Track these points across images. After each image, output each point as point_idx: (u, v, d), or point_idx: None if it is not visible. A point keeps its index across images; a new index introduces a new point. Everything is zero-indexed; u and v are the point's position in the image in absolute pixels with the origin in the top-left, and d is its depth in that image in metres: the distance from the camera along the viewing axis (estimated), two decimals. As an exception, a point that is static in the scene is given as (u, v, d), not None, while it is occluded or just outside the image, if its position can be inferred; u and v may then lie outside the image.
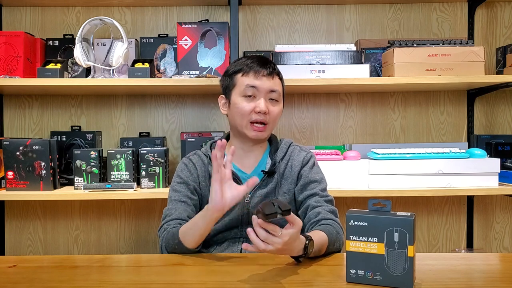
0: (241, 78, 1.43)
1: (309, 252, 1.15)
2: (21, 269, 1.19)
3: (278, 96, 1.45)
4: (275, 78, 1.44)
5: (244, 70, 1.43)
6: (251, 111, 1.41)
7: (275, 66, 1.47)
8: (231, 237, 1.45)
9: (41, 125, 2.35)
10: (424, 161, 1.97)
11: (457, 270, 1.15)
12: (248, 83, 1.41)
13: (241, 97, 1.43)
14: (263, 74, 1.42)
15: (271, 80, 1.42)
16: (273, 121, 1.44)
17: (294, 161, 1.49)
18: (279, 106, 1.46)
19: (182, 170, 1.49)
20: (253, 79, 1.41)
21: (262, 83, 1.41)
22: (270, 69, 1.43)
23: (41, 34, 2.32)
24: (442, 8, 2.36)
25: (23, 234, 2.36)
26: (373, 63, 2.21)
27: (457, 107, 2.37)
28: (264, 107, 1.40)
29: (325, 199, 1.43)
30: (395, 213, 1.02)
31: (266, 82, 1.41)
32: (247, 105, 1.41)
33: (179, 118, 2.36)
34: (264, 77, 1.42)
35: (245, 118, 1.42)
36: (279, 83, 1.46)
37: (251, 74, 1.42)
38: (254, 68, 1.42)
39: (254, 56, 1.48)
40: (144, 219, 2.37)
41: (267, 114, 1.41)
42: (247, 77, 1.42)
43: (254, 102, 1.41)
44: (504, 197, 2.37)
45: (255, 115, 1.41)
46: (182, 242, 1.28)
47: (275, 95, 1.43)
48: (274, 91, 1.43)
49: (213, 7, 2.34)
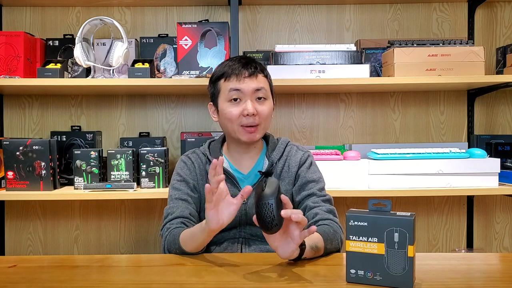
0: (224, 83, 1.41)
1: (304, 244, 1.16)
2: (21, 269, 1.19)
3: (265, 93, 1.42)
4: (259, 76, 1.41)
5: (225, 74, 1.41)
6: (240, 115, 1.39)
7: (258, 64, 1.44)
8: (230, 237, 1.45)
9: (41, 125, 2.35)
10: (424, 161, 1.97)
11: (457, 270, 1.15)
12: (232, 87, 1.39)
13: (228, 102, 1.41)
14: (245, 76, 1.39)
15: (254, 80, 1.40)
16: (264, 120, 1.42)
17: (291, 161, 1.48)
18: (268, 103, 1.43)
19: (181, 168, 1.49)
20: (236, 82, 1.39)
21: (245, 85, 1.39)
22: (252, 68, 1.40)
23: (41, 34, 2.32)
24: (442, 8, 2.36)
25: (23, 234, 2.36)
26: (373, 63, 2.21)
27: (457, 107, 2.37)
28: (252, 109, 1.38)
29: (322, 199, 1.42)
30: (395, 213, 1.02)
31: (250, 83, 1.39)
32: (235, 109, 1.39)
33: (179, 118, 2.36)
34: (246, 78, 1.39)
35: (235, 123, 1.40)
36: (264, 80, 1.43)
37: (233, 77, 1.40)
38: (235, 71, 1.39)
39: (236, 58, 1.45)
40: (144, 219, 2.37)
41: (256, 115, 1.39)
42: (230, 82, 1.40)
43: (241, 106, 1.39)
44: (504, 197, 2.37)
45: (244, 118, 1.39)
46: (183, 248, 1.28)
47: (261, 93, 1.41)
48: (259, 90, 1.40)
49: (213, 7, 2.34)
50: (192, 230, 1.28)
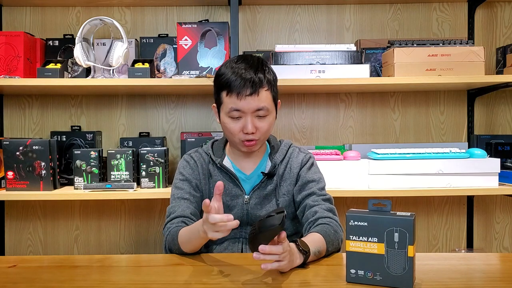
0: (225, 98, 1.38)
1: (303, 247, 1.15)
2: (21, 269, 1.19)
3: (266, 111, 1.38)
4: (261, 93, 1.36)
5: (227, 89, 1.36)
6: (239, 131, 1.38)
7: (260, 76, 1.36)
8: (230, 237, 1.46)
9: (41, 125, 2.35)
10: (424, 161, 1.97)
11: (457, 270, 1.15)
12: (232, 106, 1.36)
13: (228, 118, 1.39)
14: (246, 94, 1.34)
15: (256, 98, 1.35)
16: (263, 134, 1.40)
17: (293, 163, 1.49)
18: (269, 119, 1.40)
19: (184, 167, 1.49)
20: (236, 101, 1.35)
21: (246, 103, 1.35)
22: (254, 86, 1.34)
23: (41, 34, 2.31)
24: (442, 8, 2.36)
25: (23, 234, 2.36)
26: (373, 63, 2.21)
27: (457, 107, 2.37)
28: (251, 128, 1.36)
29: (322, 198, 1.43)
30: (395, 213, 1.02)
31: (251, 102, 1.35)
32: (235, 125, 1.38)
33: (179, 118, 2.36)
34: (248, 97, 1.34)
35: (235, 137, 1.40)
36: (267, 95, 1.38)
37: (234, 95, 1.35)
38: (237, 89, 1.34)
39: (241, 61, 1.39)
40: (144, 219, 2.37)
41: (256, 131, 1.38)
42: (231, 98, 1.36)
43: (241, 122, 1.37)
44: (504, 197, 2.37)
45: (244, 135, 1.38)
46: (182, 249, 1.30)
47: (262, 112, 1.37)
48: (260, 109, 1.36)
49: (213, 7, 2.34)
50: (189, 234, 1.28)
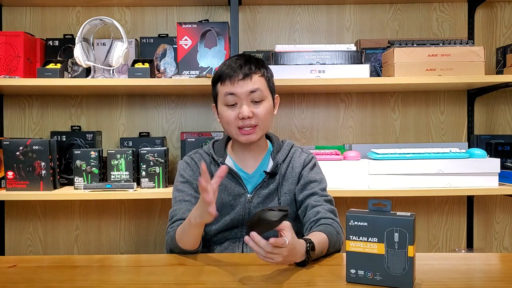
0: (220, 87, 1.42)
1: (312, 255, 1.15)
2: (21, 269, 1.19)
3: (261, 94, 1.40)
4: (254, 77, 1.39)
5: (221, 78, 1.41)
6: (236, 117, 1.40)
7: (254, 63, 1.41)
8: (231, 237, 1.46)
9: (41, 125, 2.35)
10: (424, 161, 1.97)
11: (457, 270, 1.15)
12: (226, 91, 1.39)
13: (225, 106, 1.41)
14: (239, 79, 1.38)
15: (248, 82, 1.38)
16: (262, 121, 1.41)
17: (296, 162, 1.49)
18: (265, 104, 1.42)
19: (184, 169, 1.49)
20: (230, 86, 1.39)
21: (239, 88, 1.38)
22: (246, 70, 1.39)
23: (41, 34, 2.31)
24: (442, 8, 2.36)
25: (23, 234, 2.36)
26: (373, 63, 2.21)
27: (457, 107, 2.37)
28: (247, 112, 1.38)
29: (324, 199, 1.43)
30: (395, 213, 1.02)
31: (244, 86, 1.38)
32: (231, 113, 1.40)
33: (179, 118, 2.36)
34: (240, 81, 1.38)
35: (233, 126, 1.41)
36: (260, 80, 1.41)
37: (227, 81, 1.39)
38: (229, 75, 1.39)
39: (234, 57, 1.44)
40: (144, 219, 2.37)
41: (253, 116, 1.39)
42: (225, 86, 1.40)
43: (237, 109, 1.40)
44: (504, 197, 2.37)
45: (241, 121, 1.39)
46: (181, 246, 1.30)
47: (256, 95, 1.39)
48: (254, 91, 1.39)
49: (213, 7, 2.34)
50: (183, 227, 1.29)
